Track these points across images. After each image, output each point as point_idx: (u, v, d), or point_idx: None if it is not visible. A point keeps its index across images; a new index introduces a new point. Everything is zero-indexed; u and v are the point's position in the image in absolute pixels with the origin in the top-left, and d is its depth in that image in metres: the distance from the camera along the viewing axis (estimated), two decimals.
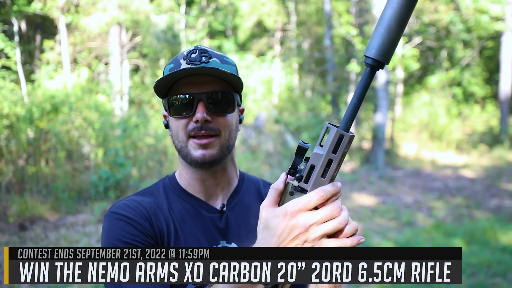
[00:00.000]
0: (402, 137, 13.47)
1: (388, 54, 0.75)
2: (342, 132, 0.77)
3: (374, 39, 0.75)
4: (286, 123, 11.16)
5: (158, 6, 11.68)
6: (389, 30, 0.73)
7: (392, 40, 0.74)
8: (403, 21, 0.74)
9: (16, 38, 10.17)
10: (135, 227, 1.03)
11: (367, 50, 0.75)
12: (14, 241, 4.89)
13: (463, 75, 16.52)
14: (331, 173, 0.79)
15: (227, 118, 1.09)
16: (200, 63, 1.05)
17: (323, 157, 0.78)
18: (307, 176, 0.80)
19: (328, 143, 0.78)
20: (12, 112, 6.83)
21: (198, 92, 1.06)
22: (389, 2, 0.74)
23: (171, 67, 1.08)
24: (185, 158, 1.10)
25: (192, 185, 1.15)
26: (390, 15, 0.73)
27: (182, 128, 1.08)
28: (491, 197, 7.84)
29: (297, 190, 0.81)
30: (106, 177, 6.48)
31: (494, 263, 4.68)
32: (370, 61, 0.75)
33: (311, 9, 14.91)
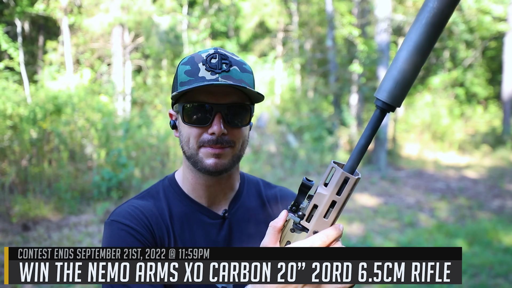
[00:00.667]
0: (404, 137, 13.45)
1: (400, 98, 0.73)
2: (348, 175, 0.76)
3: (387, 81, 0.73)
4: (288, 123, 11.16)
5: (160, 7, 11.70)
6: (403, 74, 0.71)
7: (406, 84, 0.72)
8: (418, 64, 0.71)
9: (19, 39, 10.21)
10: (137, 238, 1.01)
11: (379, 92, 0.74)
12: (17, 241, 4.91)
13: (465, 75, 16.48)
14: (334, 215, 0.79)
15: (242, 130, 1.07)
16: (221, 72, 1.01)
17: (326, 198, 0.77)
18: (309, 215, 0.79)
19: (332, 185, 0.76)
20: (15, 113, 6.86)
21: (217, 104, 1.02)
22: (405, 44, 0.71)
23: (187, 69, 1.04)
24: (195, 164, 1.06)
25: (196, 190, 1.13)
26: (405, 58, 0.71)
27: (195, 136, 1.04)
28: (494, 198, 7.83)
29: (298, 228, 0.80)
30: (109, 178, 6.50)
31: (496, 264, 4.67)
32: (380, 103, 0.74)
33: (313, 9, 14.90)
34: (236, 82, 1.01)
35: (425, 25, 0.69)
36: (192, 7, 14.19)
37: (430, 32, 0.69)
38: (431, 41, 0.70)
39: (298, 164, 9.47)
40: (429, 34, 0.69)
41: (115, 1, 10.27)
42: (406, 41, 0.71)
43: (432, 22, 0.69)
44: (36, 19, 12.09)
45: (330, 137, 10.94)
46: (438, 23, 0.69)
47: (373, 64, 10.88)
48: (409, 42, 0.71)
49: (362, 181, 8.94)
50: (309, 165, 9.58)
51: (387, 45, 10.69)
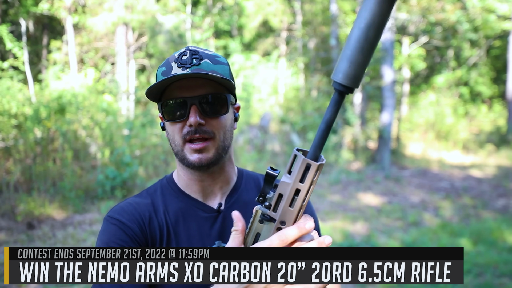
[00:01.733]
0: (408, 136, 13.42)
1: (357, 78, 0.70)
2: (309, 161, 0.74)
3: (341, 62, 0.70)
4: (292, 122, 11.16)
5: (164, 6, 11.72)
6: (356, 53, 0.68)
7: (360, 63, 0.69)
8: (372, 43, 0.68)
9: (24, 38, 10.25)
10: (125, 232, 1.05)
11: (334, 73, 0.71)
12: (22, 240, 4.93)
13: (470, 74, 16.41)
14: (300, 203, 0.77)
15: (221, 119, 1.09)
16: (191, 66, 1.05)
17: (290, 186, 0.76)
18: (275, 204, 0.78)
19: (295, 172, 0.75)
20: (20, 112, 6.89)
21: (190, 96, 1.06)
22: (356, 22, 0.69)
23: (163, 70, 1.08)
24: (182, 161, 1.10)
25: (190, 186, 1.16)
26: (357, 36, 0.68)
27: (177, 132, 1.08)
28: (498, 197, 7.80)
29: (266, 219, 0.80)
30: (113, 177, 6.52)
31: (501, 263, 4.66)
32: (337, 85, 0.71)
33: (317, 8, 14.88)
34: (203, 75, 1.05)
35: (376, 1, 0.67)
36: (195, 6, 14.20)
37: (380, 7, 0.66)
38: (382, 16, 0.67)
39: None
40: (380, 9, 0.66)
41: (118, 0, 10.29)
42: (357, 18, 0.69)
43: None
44: (40, 19, 12.14)
45: (334, 136, 10.93)
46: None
47: (377, 63, 10.85)
48: (360, 19, 0.68)
49: (366, 180, 8.93)
50: None
51: (391, 44, 10.66)
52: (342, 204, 7.13)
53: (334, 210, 6.73)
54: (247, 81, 12.40)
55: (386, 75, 10.55)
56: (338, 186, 8.33)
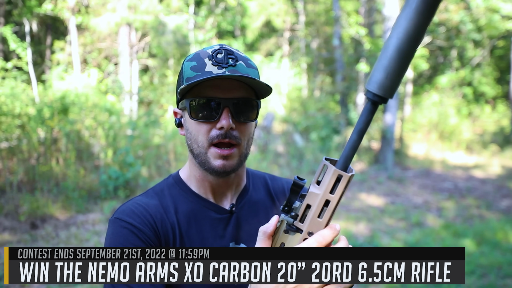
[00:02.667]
0: (411, 137, 13.38)
1: (392, 88, 0.68)
2: (341, 172, 0.73)
3: (377, 71, 0.68)
4: (295, 123, 11.15)
5: (167, 7, 11.73)
6: (393, 63, 0.67)
7: (397, 73, 0.67)
8: (410, 52, 0.67)
9: (27, 39, 10.29)
10: (139, 237, 1.00)
11: (369, 83, 0.69)
12: (25, 240, 4.95)
13: (473, 74, 16.35)
14: (329, 214, 0.76)
15: (248, 126, 1.06)
16: (228, 66, 1.01)
17: (319, 198, 0.75)
18: (302, 215, 0.77)
19: (325, 183, 0.74)
20: (23, 112, 6.91)
21: (224, 98, 1.01)
22: (394, 31, 0.67)
23: (193, 64, 1.04)
24: (202, 164, 1.06)
25: (202, 186, 1.12)
26: (395, 46, 0.66)
27: (204, 133, 1.03)
28: (502, 197, 7.76)
29: (292, 230, 0.78)
30: (116, 177, 6.53)
31: (505, 264, 4.64)
32: (371, 95, 0.69)
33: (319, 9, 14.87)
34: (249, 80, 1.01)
35: (416, 9, 0.65)
36: (198, 6, 14.22)
37: (421, 17, 0.65)
38: (422, 26, 0.65)
39: (304, 163, 9.45)
40: (420, 18, 0.65)
41: (122, 0, 10.31)
42: (395, 27, 0.67)
43: (422, 5, 0.64)
44: (44, 19, 12.18)
45: (337, 136, 10.91)
46: (430, 6, 0.64)
47: None
48: (399, 28, 0.66)
49: (369, 180, 8.91)
50: (315, 165, 9.57)
51: None
52: (345, 204, 7.12)
53: (337, 210, 6.71)
54: None
55: None
56: None
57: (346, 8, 14.42)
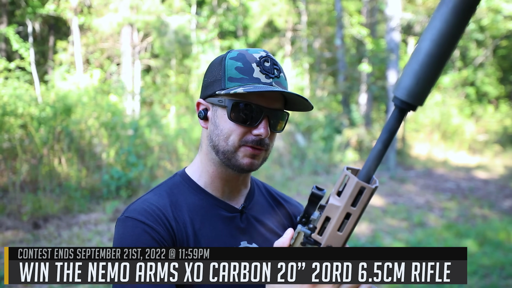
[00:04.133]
0: (414, 137, 13.36)
1: (423, 95, 0.63)
2: (364, 185, 0.68)
3: (407, 77, 0.62)
4: (297, 123, 11.15)
5: (169, 7, 11.75)
6: (426, 68, 0.61)
7: (429, 79, 0.61)
8: (445, 56, 0.60)
9: (30, 39, 10.31)
10: (153, 236, 0.96)
11: (397, 89, 0.63)
12: (28, 239, 4.96)
13: (476, 74, 16.31)
14: (350, 228, 0.73)
15: (276, 135, 1.12)
16: (274, 77, 1.05)
17: (340, 210, 0.71)
18: (321, 228, 0.74)
19: (346, 195, 0.70)
20: (26, 112, 6.93)
21: (267, 108, 1.04)
22: (427, 33, 0.61)
23: (238, 65, 1.04)
24: (227, 160, 1.06)
25: (214, 184, 1.12)
26: (428, 50, 0.60)
27: (238, 134, 1.04)
28: (505, 198, 7.74)
29: (310, 243, 0.75)
30: (118, 177, 6.54)
31: (507, 265, 4.62)
32: (399, 102, 0.63)
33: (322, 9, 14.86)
34: (284, 89, 1.07)
35: (452, 9, 0.58)
36: (200, 6, 14.23)
37: (458, 17, 0.58)
38: (459, 28, 0.59)
39: (306, 163, 9.45)
40: (457, 19, 0.58)
41: (124, 1, 10.33)
42: (429, 29, 0.60)
43: (460, 5, 0.58)
44: (46, 19, 12.21)
45: (339, 136, 10.90)
46: (468, 6, 0.58)
47: (382, 63, 10.82)
48: (432, 30, 0.60)
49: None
50: (317, 165, 9.56)
51: (396, 44, 10.62)
52: None
53: None
54: None
55: (392, 75, 10.51)
56: None
57: (348, 8, 14.40)
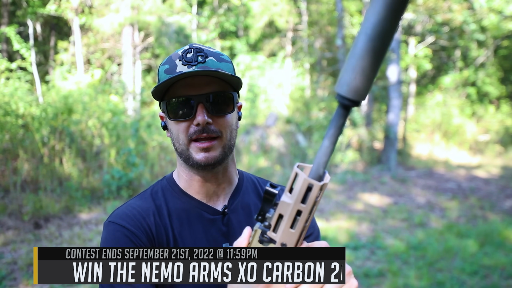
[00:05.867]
0: (414, 137, 13.35)
1: (363, 90, 0.62)
2: (311, 182, 0.69)
3: (346, 72, 0.62)
4: (298, 123, 11.15)
5: (170, 7, 11.76)
6: (363, 63, 0.61)
7: (368, 74, 0.61)
8: (381, 51, 0.60)
9: (31, 39, 10.33)
10: (132, 240, 1.01)
11: (338, 85, 0.63)
12: (29, 239, 4.97)
13: (477, 74, 16.29)
14: (302, 224, 0.72)
15: (227, 118, 1.07)
16: (197, 63, 1.03)
17: (290, 208, 0.71)
18: (275, 225, 0.74)
19: (295, 193, 0.70)
20: (27, 112, 6.94)
21: (197, 94, 1.03)
22: (363, 27, 0.60)
23: (166, 68, 1.06)
24: (187, 161, 1.07)
25: (192, 187, 1.12)
26: (363, 44, 0.60)
27: (182, 131, 1.05)
28: (506, 198, 7.73)
29: (266, 240, 0.75)
30: (119, 177, 6.55)
31: (508, 265, 4.62)
32: (341, 99, 0.64)
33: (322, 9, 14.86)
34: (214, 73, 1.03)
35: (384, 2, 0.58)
36: (201, 7, 14.24)
37: (390, 10, 0.58)
38: (392, 21, 0.58)
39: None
40: (389, 12, 0.58)
41: (125, 1, 10.34)
42: (363, 23, 0.60)
43: None
44: (47, 20, 12.23)
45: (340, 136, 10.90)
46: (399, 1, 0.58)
47: (383, 63, 10.82)
48: (367, 24, 0.59)
49: (372, 181, 8.89)
50: None
51: (397, 44, 10.62)
52: (347, 204, 7.10)
53: (339, 210, 6.71)
54: (253, 82, 12.40)
55: (393, 75, 10.50)
56: (343, 187, 8.30)
57: (349, 8, 14.40)
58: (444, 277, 4.34)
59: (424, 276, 4.37)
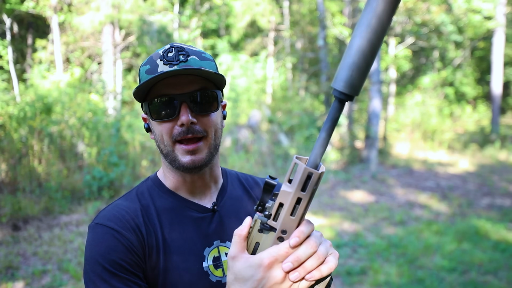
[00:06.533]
0: (395, 136, 13.56)
1: (358, 86, 0.70)
2: (311, 170, 0.73)
3: (343, 70, 0.70)
4: (280, 122, 11.19)
5: (152, 6, 11.65)
6: (358, 61, 0.69)
7: (362, 72, 0.69)
8: (374, 51, 0.69)
9: (8, 37, 10.09)
10: (122, 242, 0.98)
11: (335, 81, 0.71)
12: (7, 241, 4.86)
13: (455, 75, 16.65)
14: (301, 211, 0.76)
15: (212, 117, 1.05)
16: (179, 63, 1.00)
17: (291, 196, 0.75)
18: (275, 214, 0.77)
19: (296, 181, 0.74)
20: (4, 112, 6.78)
21: (180, 94, 1.00)
22: (358, 30, 0.68)
23: (147, 68, 1.03)
24: (173, 163, 1.05)
25: (179, 186, 1.11)
26: (359, 45, 0.68)
27: (166, 132, 1.02)
28: (483, 196, 7.92)
29: (266, 228, 0.79)
30: (100, 177, 6.46)
31: (485, 261, 4.74)
32: (338, 94, 0.71)
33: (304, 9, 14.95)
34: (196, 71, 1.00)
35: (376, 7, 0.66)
36: (183, 6, 14.15)
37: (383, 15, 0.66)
38: (384, 23, 0.67)
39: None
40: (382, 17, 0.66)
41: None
42: (358, 26, 0.69)
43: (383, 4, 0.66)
44: (25, 17, 11.97)
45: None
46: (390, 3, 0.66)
47: None
48: (362, 27, 0.68)
49: (353, 179, 8.99)
50: None
51: None
52: (330, 203, 7.17)
53: (322, 209, 6.77)
54: (234, 81, 12.40)
55: (373, 75, 10.64)
56: (325, 186, 8.38)
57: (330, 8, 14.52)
58: (424, 274, 4.42)
59: (405, 273, 4.45)
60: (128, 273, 0.96)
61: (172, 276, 1.02)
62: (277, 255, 0.75)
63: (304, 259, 0.75)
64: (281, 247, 0.75)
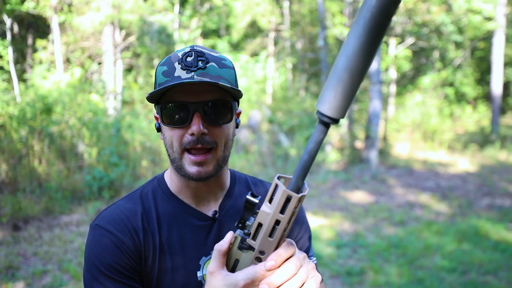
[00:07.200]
0: (395, 137, 13.56)
1: (343, 108, 0.65)
2: (290, 193, 0.71)
3: (327, 91, 0.65)
4: (280, 123, 11.19)
5: (152, 6, 11.65)
6: (343, 83, 0.63)
7: (347, 93, 0.64)
8: (360, 72, 0.63)
9: (8, 37, 10.10)
10: (118, 246, 0.99)
11: (319, 103, 0.66)
12: (7, 241, 4.87)
13: (455, 75, 16.66)
14: (280, 234, 0.75)
15: (223, 128, 1.02)
16: (197, 69, 0.97)
17: (269, 217, 0.73)
18: (255, 233, 0.76)
19: (275, 203, 0.73)
20: (4, 112, 6.79)
21: (194, 102, 0.98)
22: (344, 49, 0.63)
23: (164, 69, 1.01)
24: (178, 170, 1.03)
25: (183, 192, 1.10)
26: (344, 65, 0.63)
27: (176, 139, 1.01)
28: (483, 196, 7.92)
29: (245, 247, 0.78)
30: (100, 177, 6.47)
31: (485, 262, 4.74)
32: (321, 116, 0.66)
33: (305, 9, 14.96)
34: (213, 79, 0.97)
35: (364, 27, 0.60)
36: (183, 6, 14.15)
37: (370, 35, 0.60)
38: (372, 44, 0.61)
39: (289, 163, 9.50)
40: (369, 37, 0.61)
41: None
42: (344, 45, 0.63)
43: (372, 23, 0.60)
44: (25, 17, 11.97)
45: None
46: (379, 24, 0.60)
47: None
48: (347, 47, 0.62)
49: (353, 180, 9.00)
50: None
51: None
52: (330, 203, 7.18)
53: (322, 209, 6.77)
54: None
55: (373, 76, 10.64)
56: (325, 186, 8.38)
57: (331, 9, 14.52)
58: (424, 274, 4.43)
59: (405, 273, 4.46)
60: (123, 277, 0.97)
61: (165, 282, 1.02)
62: (253, 277, 0.74)
63: (280, 283, 0.74)
64: (258, 269, 0.75)
